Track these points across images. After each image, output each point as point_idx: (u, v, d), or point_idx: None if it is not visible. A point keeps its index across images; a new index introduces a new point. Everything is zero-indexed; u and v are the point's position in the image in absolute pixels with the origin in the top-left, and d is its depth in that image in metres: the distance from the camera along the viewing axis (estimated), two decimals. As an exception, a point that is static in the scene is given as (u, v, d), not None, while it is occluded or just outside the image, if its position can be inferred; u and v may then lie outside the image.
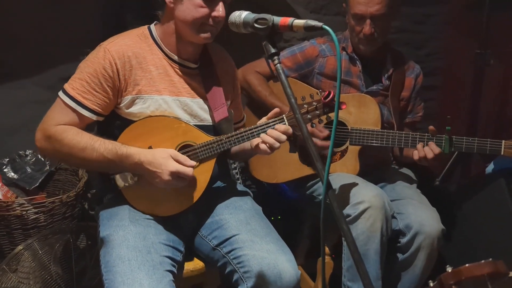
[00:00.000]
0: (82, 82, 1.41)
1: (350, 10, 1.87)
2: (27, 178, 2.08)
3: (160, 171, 1.35)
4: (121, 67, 1.42)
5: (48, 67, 2.30)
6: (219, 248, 1.45)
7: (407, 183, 1.96)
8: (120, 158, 1.37)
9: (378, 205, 1.67)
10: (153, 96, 1.46)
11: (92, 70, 1.41)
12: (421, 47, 2.97)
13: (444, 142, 1.74)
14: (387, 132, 1.84)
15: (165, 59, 1.50)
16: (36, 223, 1.79)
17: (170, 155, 1.37)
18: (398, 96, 2.02)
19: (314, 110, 1.47)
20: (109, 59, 1.41)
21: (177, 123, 1.48)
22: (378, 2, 1.82)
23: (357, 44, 1.93)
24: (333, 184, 1.77)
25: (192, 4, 1.39)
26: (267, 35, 1.13)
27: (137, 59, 1.45)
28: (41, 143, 1.42)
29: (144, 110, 1.46)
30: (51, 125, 1.40)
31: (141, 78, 1.45)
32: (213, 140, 1.47)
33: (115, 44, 1.44)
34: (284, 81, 1.07)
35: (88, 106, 1.41)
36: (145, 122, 1.46)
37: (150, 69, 1.47)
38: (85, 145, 1.37)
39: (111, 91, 1.42)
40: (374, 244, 1.67)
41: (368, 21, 1.84)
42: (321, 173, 1.01)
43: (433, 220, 1.75)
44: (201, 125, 1.54)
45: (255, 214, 1.53)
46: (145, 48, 1.48)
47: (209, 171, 1.49)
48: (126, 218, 1.41)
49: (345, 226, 0.95)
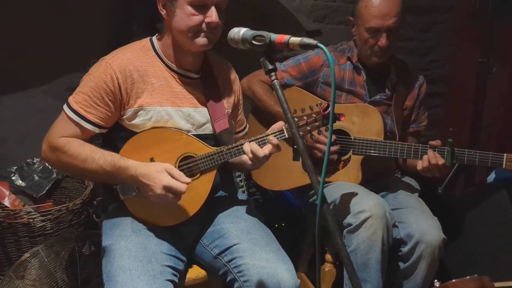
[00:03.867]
0: (85, 96, 1.44)
1: (364, 24, 1.86)
2: (34, 186, 2.13)
3: (153, 184, 1.37)
4: (123, 81, 1.44)
5: (56, 77, 2.35)
6: (220, 257, 1.47)
7: (409, 192, 1.97)
8: (118, 171, 1.40)
9: (379, 214, 1.68)
10: (155, 107, 1.49)
11: (94, 84, 1.44)
12: (425, 54, 2.99)
13: (446, 154, 1.74)
14: (390, 143, 1.85)
15: (166, 70, 1.52)
16: (43, 231, 1.83)
17: (165, 169, 1.38)
18: (401, 106, 2.03)
19: (314, 122, 1.49)
20: (111, 73, 1.43)
21: (178, 134, 1.50)
22: (394, 15, 1.83)
23: (369, 56, 1.93)
24: (335, 193, 1.85)
25: (184, 13, 1.42)
26: (265, 51, 1.15)
27: (138, 72, 1.47)
28: (46, 154, 1.46)
29: (147, 122, 1.48)
30: (55, 137, 1.44)
31: (143, 91, 1.48)
32: (214, 152, 1.49)
33: (117, 58, 1.47)
34: (281, 96, 1.08)
35: (90, 119, 1.44)
36: (147, 133, 1.48)
37: (152, 81, 1.49)
38: (86, 157, 1.40)
39: (113, 104, 1.45)
40: (375, 253, 1.68)
41: (385, 34, 1.84)
42: (316, 186, 1.02)
43: (434, 229, 1.75)
44: (203, 134, 1.56)
45: (256, 223, 1.55)
46: (147, 61, 1.50)
47: (210, 182, 1.51)
48: (128, 228, 1.43)
49: (339, 240, 0.97)
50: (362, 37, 1.91)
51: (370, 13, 1.84)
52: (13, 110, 2.29)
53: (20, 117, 2.31)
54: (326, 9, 2.54)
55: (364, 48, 1.92)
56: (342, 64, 2.01)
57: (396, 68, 2.02)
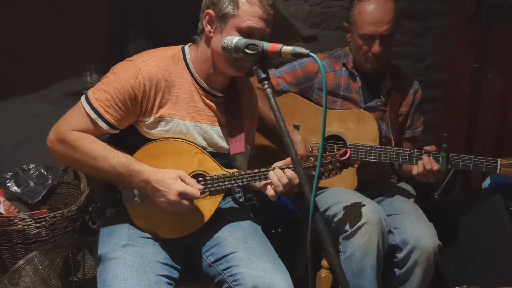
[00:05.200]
0: (107, 96, 1.40)
1: (358, 31, 1.87)
2: (29, 192, 2.12)
3: (167, 190, 1.36)
4: (149, 89, 1.42)
5: (52, 82, 2.34)
6: (216, 265, 1.47)
7: (405, 198, 1.97)
8: (130, 173, 1.38)
9: (375, 220, 1.69)
10: (175, 120, 1.47)
11: (120, 86, 1.41)
12: (422, 59, 3.00)
13: (441, 159, 1.75)
14: (385, 148, 1.86)
15: (193, 84, 1.50)
16: (37, 238, 1.82)
17: (179, 176, 1.38)
18: (396, 112, 2.04)
19: (328, 164, 1.51)
20: (140, 79, 1.41)
21: (194, 150, 1.49)
22: (387, 22, 1.83)
23: (363, 62, 1.93)
24: (330, 199, 1.85)
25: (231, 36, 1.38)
26: (257, 60, 1.15)
27: (166, 82, 1.45)
28: (53, 145, 1.42)
29: (164, 133, 1.47)
30: (66, 130, 1.40)
31: (167, 101, 1.46)
32: (226, 175, 1.48)
33: (148, 64, 1.44)
34: (273, 105, 1.09)
35: (108, 119, 1.41)
36: (163, 143, 1.47)
37: (177, 93, 1.47)
38: (99, 155, 1.38)
39: (133, 109, 1.43)
40: (370, 260, 1.68)
41: (378, 41, 1.85)
42: (308, 195, 1.03)
43: (430, 235, 1.75)
44: (218, 153, 1.55)
45: (253, 232, 1.55)
46: (176, 71, 1.48)
47: (215, 204, 1.51)
48: (125, 236, 1.42)
49: (330, 248, 0.97)
50: (356, 44, 1.91)
51: (363, 20, 1.85)
52: (8, 116, 2.28)
53: (16, 123, 2.30)
54: (322, 15, 2.56)
55: (358, 54, 1.93)
56: (337, 70, 2.02)
57: (391, 74, 2.03)
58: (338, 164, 1.51)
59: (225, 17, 1.41)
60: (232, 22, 1.40)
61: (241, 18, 1.39)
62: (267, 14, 1.43)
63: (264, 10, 1.41)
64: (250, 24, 1.39)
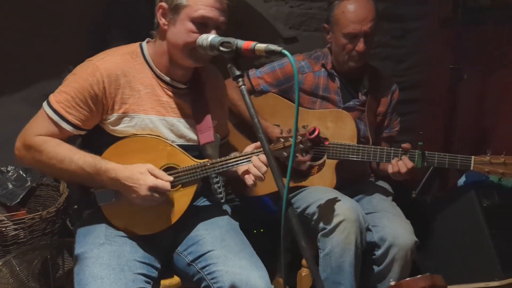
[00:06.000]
0: (67, 97, 1.41)
1: (342, 30, 1.89)
2: (8, 194, 2.09)
3: (137, 186, 1.36)
4: (109, 86, 1.42)
5: (32, 83, 2.32)
6: (194, 264, 1.47)
7: (383, 196, 2.00)
8: (98, 172, 1.38)
9: (352, 218, 1.71)
10: (140, 115, 1.47)
11: (79, 85, 1.41)
12: (401, 61, 3.05)
13: (417, 157, 1.78)
14: (363, 147, 1.89)
15: (154, 78, 1.50)
16: (15, 240, 1.80)
17: (147, 170, 1.38)
18: (374, 112, 2.07)
19: (299, 144, 1.51)
20: (98, 77, 1.41)
21: (162, 144, 1.49)
22: (370, 20, 1.87)
23: (346, 61, 1.95)
24: (310, 197, 1.87)
25: (185, 28, 1.40)
26: (232, 58, 1.16)
27: (126, 77, 1.45)
28: (20, 152, 1.43)
29: (130, 128, 1.46)
30: (31, 135, 1.41)
31: (129, 97, 1.46)
32: (197, 165, 1.48)
33: (105, 61, 1.44)
34: (248, 102, 1.10)
35: (71, 120, 1.41)
36: (131, 140, 1.47)
37: (138, 88, 1.47)
38: (64, 157, 1.38)
39: (95, 108, 1.43)
40: (348, 257, 1.71)
41: (362, 39, 1.88)
42: (282, 190, 1.04)
43: (407, 232, 1.79)
44: (187, 145, 1.55)
45: (230, 230, 1.56)
46: (135, 67, 1.48)
47: (190, 195, 1.51)
48: (102, 235, 1.42)
49: (303, 243, 0.99)
50: (339, 43, 1.94)
51: (347, 19, 1.88)
52: (-13, 117, 2.27)
53: (-5, 124, 2.28)
54: (302, 16, 2.59)
55: (341, 53, 1.95)
56: (316, 71, 2.04)
57: (369, 75, 2.06)
58: (308, 144, 1.51)
59: (177, 8, 1.41)
60: (185, 12, 1.40)
61: (193, 7, 1.40)
62: (220, 3, 1.43)
63: (219, 0, 1.42)
64: (202, 13, 1.39)
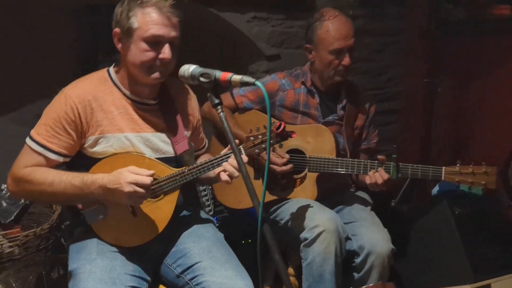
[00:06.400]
0: (47, 128, 1.50)
1: (327, 47, 2.00)
2: (2, 212, 2.17)
3: (119, 185, 1.43)
4: (82, 111, 1.51)
5: (23, 104, 2.41)
6: (183, 275, 1.56)
7: (362, 206, 2.10)
8: (86, 184, 1.46)
9: (332, 228, 1.81)
10: (116, 134, 1.56)
11: (55, 115, 1.50)
12: (381, 74, 3.15)
13: (392, 169, 1.89)
14: (342, 160, 1.99)
15: (124, 99, 1.59)
16: (10, 256, 1.87)
17: (127, 170, 1.46)
18: (352, 125, 2.17)
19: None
20: (71, 104, 1.50)
21: (141, 158, 1.57)
22: (352, 35, 2.01)
23: (332, 76, 2.06)
24: (292, 209, 1.97)
25: (139, 49, 1.49)
26: (211, 87, 1.26)
27: (97, 101, 1.54)
28: (12, 187, 1.53)
29: (108, 148, 1.55)
30: (19, 169, 1.50)
31: (103, 119, 1.55)
32: (176, 173, 1.57)
33: (76, 89, 1.53)
34: (226, 127, 1.20)
35: (54, 149, 1.50)
36: (111, 159, 1.56)
37: (111, 109, 1.56)
38: (53, 179, 1.47)
39: (74, 133, 1.52)
40: (329, 266, 1.80)
41: (347, 53, 2.01)
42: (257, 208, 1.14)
43: (384, 240, 1.89)
44: (163, 157, 1.63)
45: (216, 242, 1.65)
46: (105, 91, 1.57)
47: (173, 202, 1.60)
48: (93, 251, 1.50)
49: (277, 255, 1.08)
50: (325, 60, 2.04)
51: (332, 37, 1.99)
52: (-20, 137, 2.34)
53: (-13, 144, 2.35)
54: (283, 35, 2.70)
55: (327, 70, 2.05)
56: (296, 88, 2.15)
57: (347, 90, 2.17)
58: (276, 138, 1.58)
59: (130, 31, 1.49)
60: (137, 34, 1.49)
61: (143, 28, 1.48)
62: (168, 20, 1.50)
63: (164, 16, 1.49)
64: (153, 32, 1.48)
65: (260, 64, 2.71)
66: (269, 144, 1.18)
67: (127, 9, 1.50)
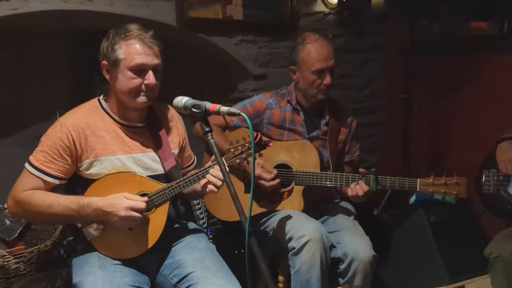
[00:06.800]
0: (44, 154, 1.64)
1: (310, 68, 2.17)
2: (6, 230, 2.26)
3: (116, 209, 1.58)
4: (77, 138, 1.66)
5: (24, 127, 2.52)
6: (179, 285, 1.69)
7: (346, 216, 2.24)
8: (82, 207, 1.60)
9: (317, 238, 1.95)
10: (109, 157, 1.70)
11: (52, 142, 1.65)
12: (363, 88, 3.32)
13: (372, 181, 2.03)
14: (325, 174, 2.13)
15: (115, 124, 1.73)
16: (16, 272, 1.98)
17: (123, 196, 1.61)
18: (335, 140, 2.33)
19: (247, 150, 1.74)
20: (66, 132, 1.65)
21: (132, 176, 1.72)
22: (332, 56, 2.18)
23: (315, 94, 2.21)
24: (280, 220, 2.12)
25: (126, 77, 1.64)
26: (202, 117, 1.40)
27: (90, 128, 1.68)
28: (13, 209, 1.66)
29: (102, 170, 1.69)
30: (19, 192, 1.64)
31: (96, 144, 1.69)
32: (165, 187, 1.71)
33: (70, 118, 1.68)
34: (216, 152, 1.35)
35: (51, 173, 1.65)
36: (105, 179, 1.70)
37: (103, 134, 1.70)
38: (51, 202, 1.61)
39: (69, 158, 1.66)
40: (315, 272, 1.93)
41: (328, 73, 2.17)
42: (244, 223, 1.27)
43: (366, 247, 2.03)
44: (154, 175, 1.77)
45: (209, 252, 1.78)
46: (96, 118, 1.71)
47: (164, 214, 1.73)
48: (95, 264, 1.63)
49: (263, 265, 1.21)
50: (308, 80, 2.20)
51: (314, 58, 2.16)
52: (-18, 160, 2.45)
53: (-10, 166, 2.46)
54: (269, 55, 2.84)
55: (310, 89, 2.21)
56: (282, 107, 2.30)
57: (330, 107, 2.33)
58: (256, 148, 1.70)
59: (116, 62, 1.65)
60: (123, 64, 1.64)
61: (128, 59, 1.63)
62: (150, 49, 1.65)
63: (146, 45, 1.64)
64: (137, 61, 1.63)
65: (248, 83, 2.86)
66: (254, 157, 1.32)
67: (113, 43, 1.65)
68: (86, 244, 1.72)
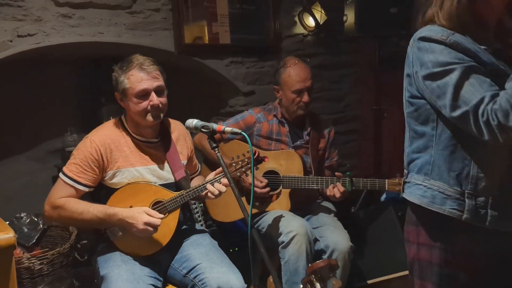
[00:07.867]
0: (76, 166, 1.91)
1: (290, 88, 2.49)
2: (24, 237, 2.52)
3: (136, 222, 1.86)
4: (104, 152, 1.93)
5: (38, 144, 2.79)
6: (188, 275, 1.98)
7: (327, 213, 2.57)
8: (109, 217, 1.88)
9: (303, 232, 2.27)
10: (129, 168, 1.97)
11: (83, 156, 1.91)
12: (340, 100, 3.67)
13: (347, 183, 2.37)
14: (308, 178, 2.46)
15: (133, 140, 1.99)
16: (40, 272, 2.23)
17: (144, 211, 1.88)
18: (316, 147, 2.66)
19: (247, 164, 2.07)
20: (95, 146, 1.91)
21: (148, 186, 2.00)
22: (310, 78, 2.50)
23: (295, 110, 2.53)
24: (270, 219, 2.46)
25: (133, 103, 1.91)
26: (210, 136, 1.69)
27: (114, 144, 1.95)
28: (49, 213, 1.92)
29: (123, 179, 1.98)
30: (56, 198, 1.91)
31: (119, 157, 1.96)
32: (177, 196, 2.00)
33: (98, 135, 1.95)
34: (222, 164, 1.64)
35: (82, 182, 1.92)
36: (125, 188, 1.98)
37: (124, 149, 1.97)
38: (83, 210, 1.89)
39: (97, 169, 1.94)
40: (302, 262, 2.24)
41: (306, 92, 2.49)
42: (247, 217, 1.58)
43: (344, 240, 2.35)
44: (166, 183, 2.06)
45: (212, 247, 2.08)
46: (119, 134, 1.98)
47: (175, 219, 2.03)
48: (119, 259, 1.92)
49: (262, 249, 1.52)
50: (289, 98, 2.52)
51: (293, 80, 2.49)
52: (0, 174, 2.70)
53: (7, 180, 2.71)
54: (257, 74, 3.16)
55: (291, 105, 2.53)
56: (270, 120, 2.63)
57: (310, 120, 2.66)
58: (254, 163, 2.02)
59: (124, 92, 1.92)
60: (130, 92, 1.90)
61: (132, 87, 1.89)
62: (149, 74, 1.89)
63: (145, 72, 1.88)
64: (140, 88, 1.88)
65: (238, 99, 3.17)
66: (253, 171, 1.64)
67: (118, 76, 1.95)
68: (108, 244, 2.00)
